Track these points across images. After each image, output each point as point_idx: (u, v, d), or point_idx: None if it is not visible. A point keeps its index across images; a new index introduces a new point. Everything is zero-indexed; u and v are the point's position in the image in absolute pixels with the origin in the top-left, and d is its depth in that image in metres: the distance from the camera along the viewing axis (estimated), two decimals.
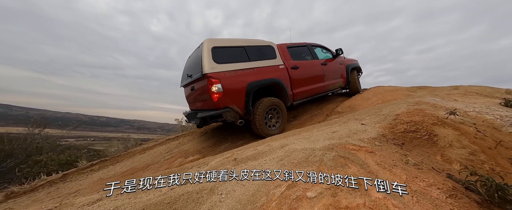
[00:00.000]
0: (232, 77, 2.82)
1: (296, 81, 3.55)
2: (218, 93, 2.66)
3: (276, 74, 3.31)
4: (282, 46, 3.71)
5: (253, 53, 3.27)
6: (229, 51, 3.02)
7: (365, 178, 1.06)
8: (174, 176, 1.44)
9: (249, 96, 2.90)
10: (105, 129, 75.18)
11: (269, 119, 3.21)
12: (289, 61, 3.59)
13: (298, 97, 3.59)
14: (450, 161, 1.43)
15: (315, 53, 4.16)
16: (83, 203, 1.32)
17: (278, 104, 3.21)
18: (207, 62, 2.68)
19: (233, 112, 2.77)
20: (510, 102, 2.72)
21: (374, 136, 1.77)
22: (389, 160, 1.39)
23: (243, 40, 3.26)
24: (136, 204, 1.17)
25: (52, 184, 3.74)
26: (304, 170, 1.20)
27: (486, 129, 1.85)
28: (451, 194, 1.10)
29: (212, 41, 2.90)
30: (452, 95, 3.76)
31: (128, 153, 4.74)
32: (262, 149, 1.79)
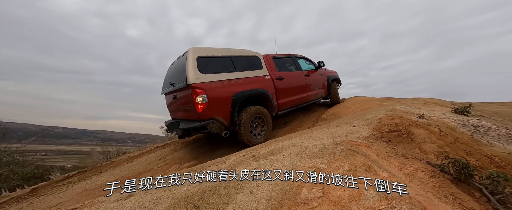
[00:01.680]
0: (217, 87, 2.77)
1: (281, 92, 3.60)
2: (203, 104, 2.59)
3: (262, 84, 3.33)
4: (268, 57, 3.75)
5: (239, 63, 3.25)
6: (214, 61, 2.98)
7: (372, 164, 1.33)
8: (198, 173, 1.53)
9: (235, 107, 2.86)
10: (61, 141, 65.62)
11: (254, 127, 3.18)
12: (275, 71, 3.64)
13: (282, 107, 3.63)
14: (426, 152, 1.83)
15: (299, 64, 4.29)
16: (111, 200, 1.31)
17: (263, 113, 3.19)
18: (192, 72, 2.61)
19: (218, 123, 2.71)
20: (458, 110, 3.44)
21: (366, 135, 2.12)
22: (383, 153, 1.71)
23: (229, 50, 3.23)
24: (176, 194, 1.24)
25: (20, 200, 3.27)
26: (322, 160, 1.43)
27: (446, 129, 2.36)
28: (432, 175, 1.44)
29: (198, 50, 2.84)
30: (416, 104, 4.50)
31: (112, 163, 4.40)
32: (275, 147, 1.98)
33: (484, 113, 3.83)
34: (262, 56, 3.61)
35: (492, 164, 1.81)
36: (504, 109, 5.15)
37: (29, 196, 3.37)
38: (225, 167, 1.71)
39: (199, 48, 2.88)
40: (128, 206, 1.18)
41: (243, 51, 3.39)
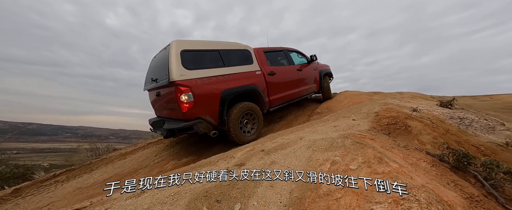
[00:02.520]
0: (204, 84, 2.56)
1: (273, 88, 3.45)
2: (188, 102, 2.40)
3: (253, 80, 3.15)
4: (259, 50, 3.56)
5: (228, 57, 3.05)
6: (201, 55, 2.75)
7: (383, 154, 1.40)
8: (210, 170, 1.51)
9: (224, 105, 2.68)
10: (35, 138, 60.80)
11: (245, 124, 3.02)
12: (266, 66, 3.47)
13: (274, 104, 3.50)
14: (424, 143, 1.96)
15: (291, 58, 4.14)
16: (125, 198, 1.25)
17: (253, 109, 3.04)
18: (175, 68, 2.38)
19: (205, 123, 2.54)
20: (443, 103, 3.70)
21: (367, 128, 2.21)
22: (387, 144, 1.81)
23: (217, 42, 3.01)
24: (194, 190, 1.21)
25: (2, 202, 3.03)
26: (335, 153, 1.47)
27: (437, 122, 2.54)
28: (433, 164, 1.55)
29: (182, 43, 2.59)
30: (404, 98, 4.76)
31: (103, 160, 4.19)
32: (282, 141, 2.00)
33: (462, 105, 4.17)
34: (253, 50, 3.43)
35: (479, 153, 1.99)
36: (475, 102, 5.66)
37: (12, 197, 3.13)
38: (236, 162, 1.70)
39: (183, 41, 2.63)
40: (146, 202, 1.14)
41: (233, 44, 3.19)
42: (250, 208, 1.03)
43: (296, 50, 4.43)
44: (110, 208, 1.18)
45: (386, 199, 0.93)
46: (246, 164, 1.61)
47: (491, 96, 6.51)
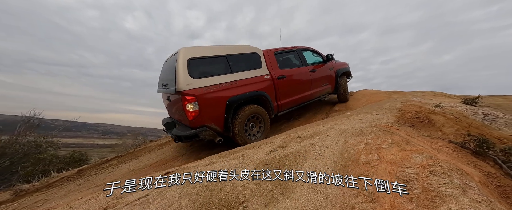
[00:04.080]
0: (210, 93, 2.57)
1: (282, 92, 3.35)
2: (194, 111, 2.45)
3: (261, 86, 3.07)
4: (269, 52, 3.43)
5: (235, 63, 3.01)
6: (208, 63, 2.77)
7: (410, 139, 1.66)
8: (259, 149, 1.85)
9: (229, 113, 2.69)
10: (62, 134, 65.73)
11: (250, 127, 2.99)
12: (276, 70, 3.35)
13: (283, 108, 3.42)
14: (446, 134, 2.16)
15: (305, 59, 3.94)
16: (202, 165, 1.65)
17: (260, 112, 3.00)
18: (182, 78, 2.44)
19: (210, 131, 2.59)
20: (467, 101, 3.75)
21: (392, 121, 2.44)
22: (412, 134, 2.04)
23: (225, 47, 2.97)
24: (255, 161, 1.57)
25: (71, 179, 3.65)
26: (366, 137, 1.76)
27: (460, 117, 2.69)
28: (455, 149, 1.78)
29: (189, 51, 2.62)
30: (426, 96, 4.81)
31: (143, 149, 4.76)
32: (314, 130, 2.31)
33: (489, 105, 4.15)
34: (263, 52, 3.33)
35: (501, 143, 2.15)
36: (505, 102, 5.47)
37: (77, 176, 3.75)
38: (278, 145, 2.04)
39: (190, 49, 2.66)
40: (222, 167, 1.52)
41: (241, 48, 3.13)
42: (305, 168, 1.37)
43: (311, 48, 4.23)
44: (195, 168, 1.58)
45: (415, 165, 1.21)
46: (288, 146, 1.94)
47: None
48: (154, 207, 1.11)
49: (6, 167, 4.17)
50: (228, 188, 1.25)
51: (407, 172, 1.15)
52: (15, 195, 3.33)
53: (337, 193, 1.11)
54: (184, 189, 1.25)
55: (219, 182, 1.31)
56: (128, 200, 1.21)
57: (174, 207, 1.10)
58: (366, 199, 1.02)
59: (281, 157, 1.59)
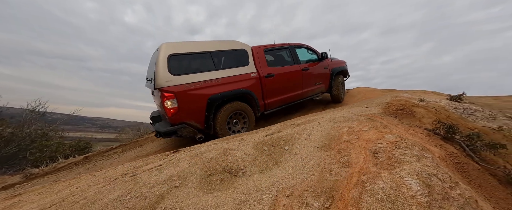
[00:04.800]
0: (191, 90, 2.53)
1: (269, 91, 3.26)
2: (173, 108, 2.43)
3: (246, 84, 2.99)
4: (259, 49, 3.30)
5: (220, 59, 2.96)
6: (190, 59, 2.70)
7: (389, 125, 1.91)
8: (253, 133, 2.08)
9: (210, 110, 2.65)
10: (59, 127, 65.41)
11: (234, 124, 2.95)
12: (264, 68, 3.24)
13: (270, 107, 3.35)
14: (425, 123, 2.41)
15: (297, 56, 3.79)
16: (208, 144, 1.88)
17: (244, 109, 2.95)
18: (162, 74, 2.40)
19: (190, 128, 2.57)
20: (452, 97, 4.02)
21: (378, 112, 2.69)
22: (392, 122, 2.29)
23: (210, 43, 2.88)
24: (253, 140, 1.81)
25: (79, 165, 3.88)
26: (351, 123, 2.00)
27: (441, 110, 2.94)
28: (427, 135, 2.03)
29: (171, 46, 2.56)
30: (416, 93, 5.07)
31: (146, 139, 4.99)
32: (307, 119, 2.55)
33: (475, 103, 4.42)
34: (251, 49, 3.22)
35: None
36: (496, 102, 5.75)
37: (85, 162, 3.97)
38: (274, 131, 2.28)
39: (172, 44, 2.59)
40: (221, 147, 1.75)
41: (228, 44, 3.03)
42: (295, 147, 1.61)
43: (305, 45, 4.06)
44: (200, 147, 1.81)
45: (385, 142, 1.45)
46: (283, 131, 2.18)
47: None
48: (168, 171, 1.34)
49: (15, 153, 4.38)
50: (230, 159, 1.48)
51: (378, 146, 1.40)
52: (25, 178, 3.56)
53: (319, 162, 1.35)
54: (192, 160, 1.49)
55: (222, 155, 1.54)
56: (146, 168, 1.44)
57: (185, 172, 1.33)
58: (342, 165, 1.26)
59: (276, 139, 1.82)
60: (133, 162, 1.67)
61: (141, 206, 1.00)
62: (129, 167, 1.54)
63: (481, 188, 1.38)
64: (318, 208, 0.95)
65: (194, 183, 1.22)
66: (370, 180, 1.05)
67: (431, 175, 1.07)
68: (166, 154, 1.85)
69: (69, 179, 1.50)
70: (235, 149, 1.65)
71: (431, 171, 1.11)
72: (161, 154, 1.85)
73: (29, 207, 1.07)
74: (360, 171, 1.16)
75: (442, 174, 1.12)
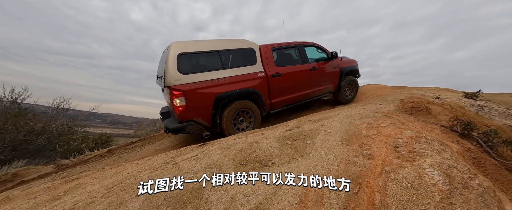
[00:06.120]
0: (199, 89, 2.60)
1: (276, 90, 3.26)
2: (181, 106, 2.51)
3: (253, 83, 3.01)
4: (267, 48, 3.31)
5: (228, 58, 2.99)
6: (199, 58, 2.79)
7: (406, 121, 1.98)
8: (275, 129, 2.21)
9: (217, 109, 2.71)
10: (82, 123, 68.15)
11: (240, 122, 2.99)
12: (272, 67, 3.24)
13: (276, 106, 3.36)
14: (441, 121, 2.46)
15: (305, 55, 3.75)
16: (233, 138, 2.03)
17: (250, 107, 2.99)
18: (171, 73, 2.48)
19: (197, 126, 2.64)
20: (468, 94, 3.99)
21: (393, 109, 2.75)
22: (409, 119, 2.36)
23: (218, 42, 2.93)
24: (275, 135, 1.94)
25: (104, 157, 4.16)
26: (369, 120, 2.08)
27: (456, 107, 2.96)
28: (444, 131, 2.09)
29: (180, 45, 2.63)
30: (430, 90, 5.03)
31: (163, 134, 5.23)
32: (323, 115, 2.64)
33: (492, 100, 4.35)
34: (259, 48, 3.24)
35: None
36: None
37: (109, 154, 4.25)
38: (292, 126, 2.39)
39: (182, 43, 2.66)
40: (247, 141, 1.89)
41: (236, 43, 3.07)
42: (317, 141, 1.72)
43: (315, 44, 4.01)
44: (225, 140, 1.96)
45: (405, 137, 1.54)
46: (301, 127, 2.29)
47: None
48: (204, 161, 1.49)
49: (44, 145, 4.73)
50: (258, 151, 1.62)
51: (398, 141, 1.49)
52: (57, 168, 3.86)
53: (343, 155, 1.46)
54: (224, 152, 1.63)
55: (250, 147, 1.68)
56: (183, 158, 1.60)
57: (219, 162, 1.48)
58: (365, 158, 1.37)
59: (297, 133, 1.95)
60: (168, 153, 1.85)
61: (191, 188, 1.16)
62: (167, 157, 1.71)
63: (498, 181, 1.45)
64: (347, 193, 1.07)
65: (230, 171, 1.37)
66: (394, 171, 1.16)
67: (451, 167, 1.16)
68: (195, 146, 2.01)
69: (115, 167, 1.68)
70: (260, 143, 1.78)
71: (451, 163, 1.21)
72: (191, 146, 2.02)
73: (93, 188, 1.25)
74: (383, 162, 1.27)
75: (462, 166, 1.21)
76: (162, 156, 1.79)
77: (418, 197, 0.99)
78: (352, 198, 1.04)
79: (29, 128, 4.43)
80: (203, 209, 1.04)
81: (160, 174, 1.30)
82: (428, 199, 0.98)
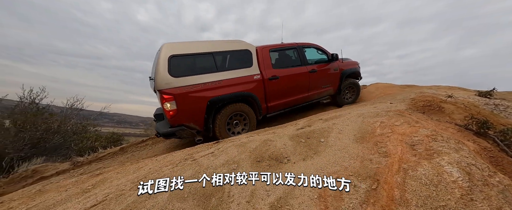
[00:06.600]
0: (190, 92, 2.49)
1: (273, 94, 3.16)
2: (172, 110, 2.41)
3: (248, 86, 2.90)
4: (264, 50, 3.18)
5: (223, 60, 2.90)
6: (191, 60, 2.67)
7: (419, 120, 1.98)
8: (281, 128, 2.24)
9: (210, 113, 2.61)
10: (95, 122, 70.56)
11: (234, 125, 2.90)
12: (268, 70, 3.12)
13: (273, 110, 3.26)
14: (454, 119, 2.43)
15: (305, 57, 3.64)
16: (245, 136, 2.08)
17: (245, 111, 2.90)
18: (162, 76, 2.38)
19: (188, 130, 2.55)
20: (481, 93, 3.90)
21: (405, 108, 2.73)
22: (422, 118, 2.34)
23: (213, 43, 2.82)
24: (287, 134, 1.97)
25: (117, 155, 4.29)
26: (381, 118, 2.09)
27: (470, 106, 2.91)
28: (459, 130, 2.07)
29: (172, 47, 2.52)
30: (441, 89, 4.94)
31: None
32: (333, 115, 2.65)
33: (507, 98, 4.24)
34: (256, 49, 3.11)
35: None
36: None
37: (122, 152, 4.38)
38: (303, 125, 2.42)
39: (174, 45, 2.56)
40: (261, 138, 1.93)
41: (231, 44, 2.95)
42: (330, 139, 1.75)
43: (315, 45, 3.88)
44: (239, 138, 2.00)
45: (421, 135, 1.55)
46: (312, 126, 2.31)
47: None
48: (222, 158, 1.54)
49: (60, 144, 4.91)
50: (273, 149, 1.66)
51: (414, 139, 1.50)
52: (73, 165, 4.01)
53: (358, 152, 1.48)
54: (239, 149, 1.68)
55: (264, 145, 1.72)
56: (200, 155, 1.66)
57: (236, 159, 1.53)
58: (381, 155, 1.39)
59: (309, 132, 1.97)
60: (185, 150, 1.91)
61: (214, 181, 1.21)
62: (184, 154, 1.77)
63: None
64: (366, 189, 1.10)
65: (247, 167, 1.41)
66: (412, 168, 1.18)
67: (470, 165, 1.17)
68: (210, 144, 2.07)
69: (135, 163, 1.76)
70: (273, 141, 1.82)
71: (469, 161, 1.21)
72: (205, 144, 2.08)
73: (119, 182, 1.32)
74: (400, 160, 1.28)
75: (480, 164, 1.21)
76: (179, 153, 1.85)
77: (438, 193, 1.00)
78: (371, 193, 1.07)
79: (46, 127, 4.62)
80: (227, 201, 1.09)
81: (181, 169, 1.36)
82: (448, 195, 0.99)
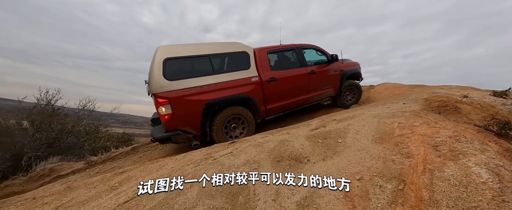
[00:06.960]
0: (186, 96, 2.44)
1: (271, 96, 3.10)
2: (167, 115, 2.35)
3: (246, 89, 2.84)
4: (262, 51, 3.13)
5: (220, 63, 2.86)
6: (187, 63, 2.63)
7: (437, 120, 1.95)
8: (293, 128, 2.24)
9: (207, 117, 2.55)
10: (106, 123, 72.58)
11: (232, 129, 2.84)
12: (266, 72, 3.06)
13: (272, 112, 3.20)
14: (472, 120, 2.39)
15: (304, 59, 3.59)
16: (260, 137, 2.10)
17: (243, 114, 2.83)
18: (156, 80, 2.34)
19: (184, 135, 2.50)
20: (497, 93, 3.81)
21: (419, 109, 2.69)
22: (439, 118, 2.30)
23: (209, 46, 2.79)
24: (302, 134, 1.98)
25: (129, 154, 4.37)
26: (398, 119, 2.07)
27: (487, 106, 2.85)
28: (479, 131, 2.03)
29: (167, 50, 2.48)
30: (452, 89, 4.84)
31: None
32: (347, 115, 2.64)
33: None
34: (254, 51, 3.07)
35: None
36: None
37: (134, 152, 4.47)
38: (316, 126, 2.41)
39: (169, 48, 2.52)
40: (277, 139, 1.94)
41: (228, 46, 2.92)
42: (348, 140, 1.75)
43: (314, 46, 3.84)
44: (254, 138, 2.02)
45: (443, 136, 1.53)
46: (327, 126, 2.31)
47: None
48: (242, 157, 1.57)
49: (74, 143, 5.05)
50: (291, 149, 1.67)
51: (436, 140, 1.49)
52: (87, 164, 4.11)
53: (380, 153, 1.48)
54: (257, 149, 1.70)
55: (282, 145, 1.73)
56: (219, 154, 1.68)
57: (256, 158, 1.55)
58: (403, 156, 1.38)
59: (325, 132, 1.97)
60: (203, 149, 1.94)
61: (239, 180, 1.23)
62: (203, 154, 1.80)
63: None
64: (392, 190, 1.10)
65: (268, 167, 1.43)
66: (438, 169, 1.17)
67: (498, 166, 1.15)
68: (226, 144, 2.10)
69: (155, 162, 1.80)
70: (290, 141, 1.83)
71: (497, 162, 1.19)
72: (222, 144, 2.10)
73: (145, 179, 1.36)
74: (424, 161, 1.28)
75: (509, 165, 1.19)
76: (197, 152, 1.88)
77: (468, 195, 1.00)
78: (398, 194, 1.07)
79: (61, 127, 4.76)
80: (253, 200, 1.11)
81: (204, 168, 1.39)
82: (479, 196, 0.98)
